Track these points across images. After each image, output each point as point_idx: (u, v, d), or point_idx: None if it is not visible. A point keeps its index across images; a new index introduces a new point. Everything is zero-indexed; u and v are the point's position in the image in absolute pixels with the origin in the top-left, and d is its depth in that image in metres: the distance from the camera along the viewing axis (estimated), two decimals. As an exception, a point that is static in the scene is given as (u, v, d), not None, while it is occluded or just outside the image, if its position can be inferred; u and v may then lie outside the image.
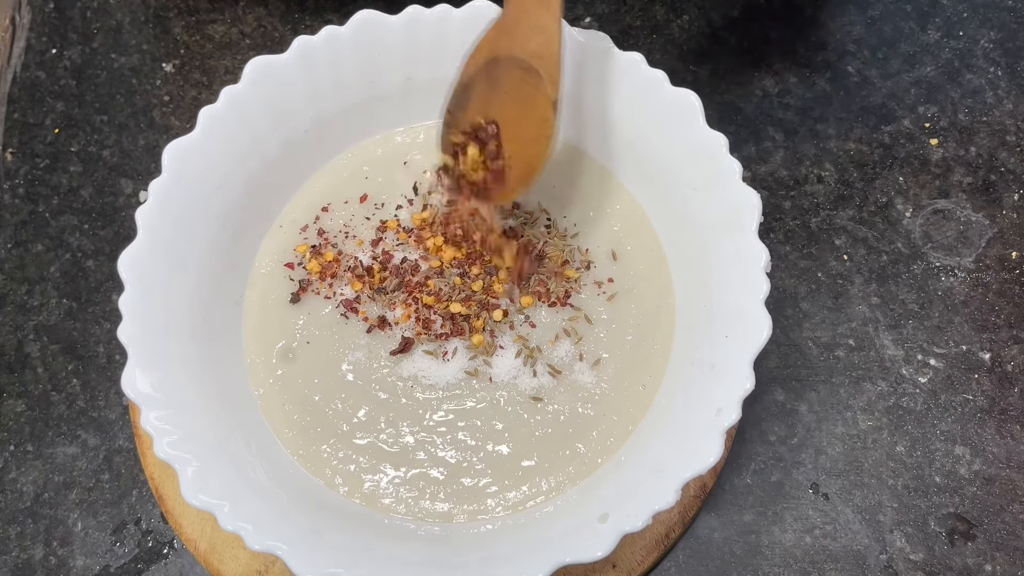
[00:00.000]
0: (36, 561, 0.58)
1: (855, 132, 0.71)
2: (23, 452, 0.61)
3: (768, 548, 0.58)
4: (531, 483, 0.53)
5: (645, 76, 0.56)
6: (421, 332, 0.57)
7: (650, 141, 0.57)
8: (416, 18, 0.58)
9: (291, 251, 0.60)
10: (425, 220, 0.60)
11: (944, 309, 0.65)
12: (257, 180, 0.58)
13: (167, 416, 0.48)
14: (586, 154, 0.62)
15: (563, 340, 0.57)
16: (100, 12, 0.76)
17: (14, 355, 0.64)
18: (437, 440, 0.55)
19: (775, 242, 0.67)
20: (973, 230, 0.67)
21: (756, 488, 0.60)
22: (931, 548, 0.58)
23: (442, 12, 0.58)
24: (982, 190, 0.68)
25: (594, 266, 0.59)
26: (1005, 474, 0.60)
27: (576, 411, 0.55)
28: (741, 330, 0.50)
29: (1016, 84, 0.72)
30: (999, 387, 0.62)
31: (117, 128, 0.72)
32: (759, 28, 0.75)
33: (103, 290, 0.66)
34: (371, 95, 0.60)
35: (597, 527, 0.47)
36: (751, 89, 0.73)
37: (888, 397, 0.62)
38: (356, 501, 0.53)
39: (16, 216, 0.68)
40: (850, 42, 0.74)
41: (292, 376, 0.56)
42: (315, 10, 0.76)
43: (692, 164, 0.55)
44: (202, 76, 0.74)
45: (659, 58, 0.74)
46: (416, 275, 0.58)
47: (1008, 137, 0.70)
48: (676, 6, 0.76)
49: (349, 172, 0.62)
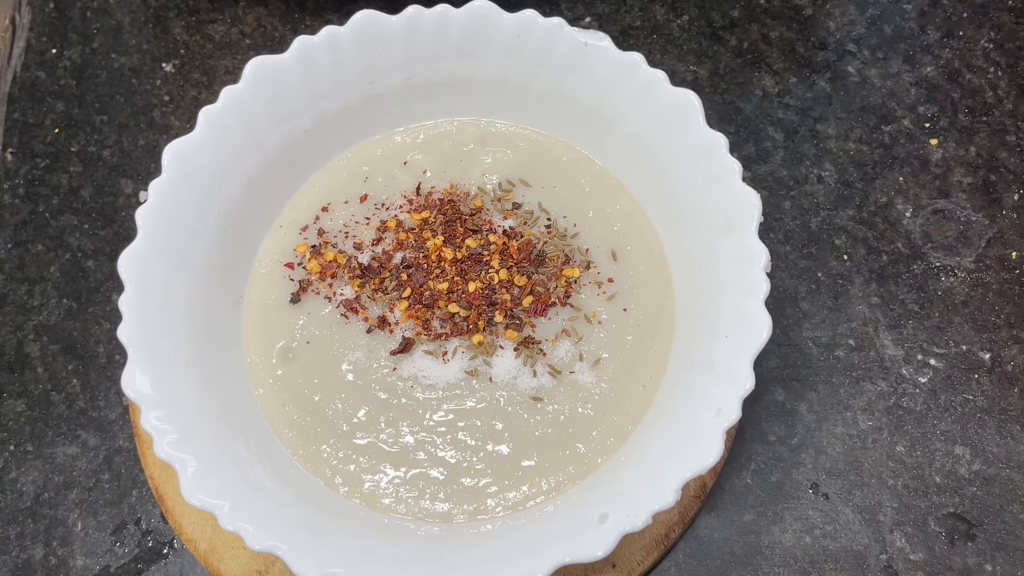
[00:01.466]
0: (36, 561, 0.58)
1: (855, 132, 0.71)
2: (23, 452, 0.61)
3: (768, 548, 0.58)
4: (531, 483, 0.53)
5: (645, 76, 0.56)
6: (421, 332, 0.57)
7: (650, 141, 0.58)
8: (416, 18, 0.58)
9: (291, 251, 0.60)
10: (425, 220, 0.60)
11: (944, 309, 0.65)
12: (257, 180, 0.58)
13: (167, 416, 0.48)
14: (586, 154, 0.62)
15: (563, 340, 0.57)
16: (100, 12, 0.76)
17: (14, 355, 0.64)
18: (437, 440, 0.55)
19: (775, 242, 0.67)
20: (973, 230, 0.67)
21: (756, 488, 0.60)
22: (931, 548, 0.58)
23: (442, 12, 0.58)
24: (982, 190, 0.68)
25: (594, 266, 0.59)
26: (1005, 474, 0.60)
27: (576, 411, 0.55)
28: (741, 330, 0.50)
29: (1016, 84, 0.72)
30: (999, 387, 0.62)
31: (117, 128, 0.72)
32: (759, 28, 0.75)
33: (103, 290, 0.66)
34: (371, 95, 0.60)
35: (597, 527, 0.47)
36: (751, 89, 0.73)
37: (888, 397, 0.62)
38: (356, 501, 0.53)
39: (16, 216, 0.68)
40: (850, 42, 0.74)
41: (292, 376, 0.56)
42: (315, 10, 0.76)
43: (692, 164, 0.55)
44: (202, 76, 0.74)
45: (659, 58, 0.74)
46: (416, 275, 0.58)
47: (1008, 137, 0.70)
48: (676, 6, 0.76)
49: (349, 172, 0.62)
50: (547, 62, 0.59)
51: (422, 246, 0.59)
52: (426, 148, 0.63)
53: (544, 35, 0.57)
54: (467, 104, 0.62)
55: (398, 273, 0.59)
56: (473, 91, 0.62)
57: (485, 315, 0.57)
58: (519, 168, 0.62)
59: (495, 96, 0.62)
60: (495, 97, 0.62)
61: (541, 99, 0.61)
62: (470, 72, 0.60)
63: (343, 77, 0.59)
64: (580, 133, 0.62)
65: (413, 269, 0.59)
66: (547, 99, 0.61)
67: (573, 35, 0.57)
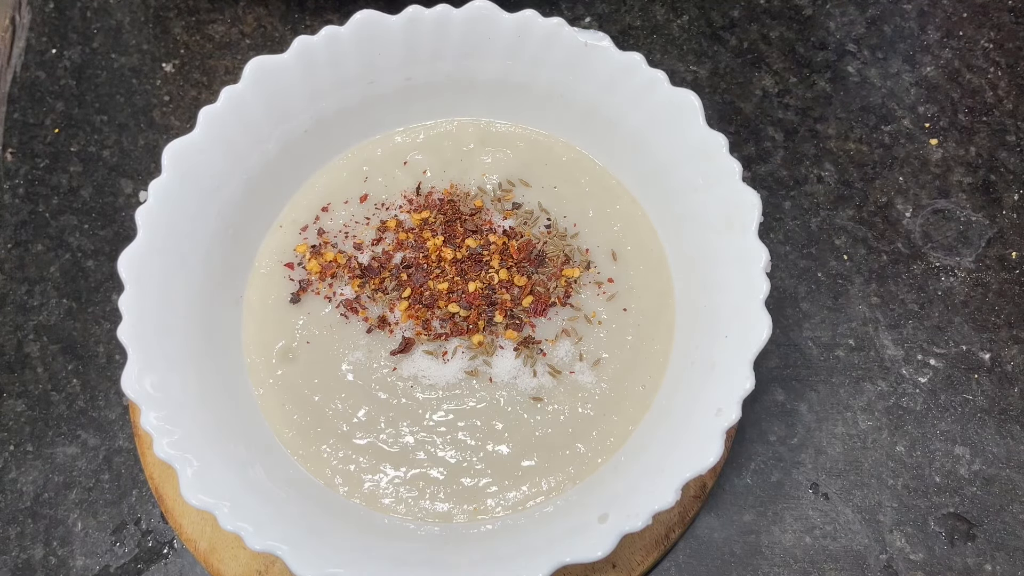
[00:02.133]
0: (36, 561, 0.58)
1: (855, 132, 0.71)
2: (23, 452, 0.61)
3: (768, 548, 0.58)
4: (531, 483, 0.53)
5: (645, 76, 0.56)
6: (421, 332, 0.57)
7: (650, 141, 0.58)
8: (416, 18, 0.58)
9: (291, 251, 0.60)
10: (425, 220, 0.60)
11: (944, 309, 0.65)
12: (257, 180, 0.58)
13: (167, 416, 0.48)
14: (586, 154, 0.62)
15: (563, 340, 0.57)
16: (100, 12, 0.76)
17: (14, 355, 0.64)
18: (437, 440, 0.55)
19: (775, 242, 0.67)
20: (973, 230, 0.67)
21: (756, 488, 0.60)
22: (931, 548, 0.58)
23: (442, 12, 0.58)
24: (982, 190, 0.68)
25: (594, 266, 0.59)
26: (1005, 474, 0.60)
27: (576, 411, 0.55)
28: (741, 330, 0.50)
29: (1016, 84, 0.72)
30: (999, 387, 0.62)
31: (117, 128, 0.72)
32: (759, 28, 0.75)
33: (103, 290, 0.66)
34: (371, 95, 0.60)
35: (597, 527, 0.47)
36: (751, 89, 0.73)
37: (888, 397, 0.62)
38: (356, 501, 0.53)
39: (16, 216, 0.68)
40: (850, 42, 0.74)
41: (292, 376, 0.56)
42: (315, 10, 0.76)
43: (692, 164, 0.55)
44: (202, 76, 0.74)
45: (659, 58, 0.74)
46: (416, 275, 0.58)
47: (1008, 137, 0.70)
48: (676, 6, 0.76)
49: (349, 172, 0.62)
50: (547, 62, 0.59)
51: (422, 246, 0.59)
52: (426, 148, 0.63)
53: (544, 35, 0.57)
54: (467, 104, 0.62)
55: (398, 273, 0.59)
56: (473, 91, 0.62)
57: (485, 315, 0.57)
58: (519, 168, 0.62)
59: (495, 96, 0.62)
60: (495, 97, 0.62)
61: (541, 99, 0.61)
62: (470, 72, 0.60)
63: (343, 77, 0.59)
64: (580, 133, 0.62)
65: (413, 269, 0.59)
66: (547, 99, 0.61)
67: (573, 35, 0.57)
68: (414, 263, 0.59)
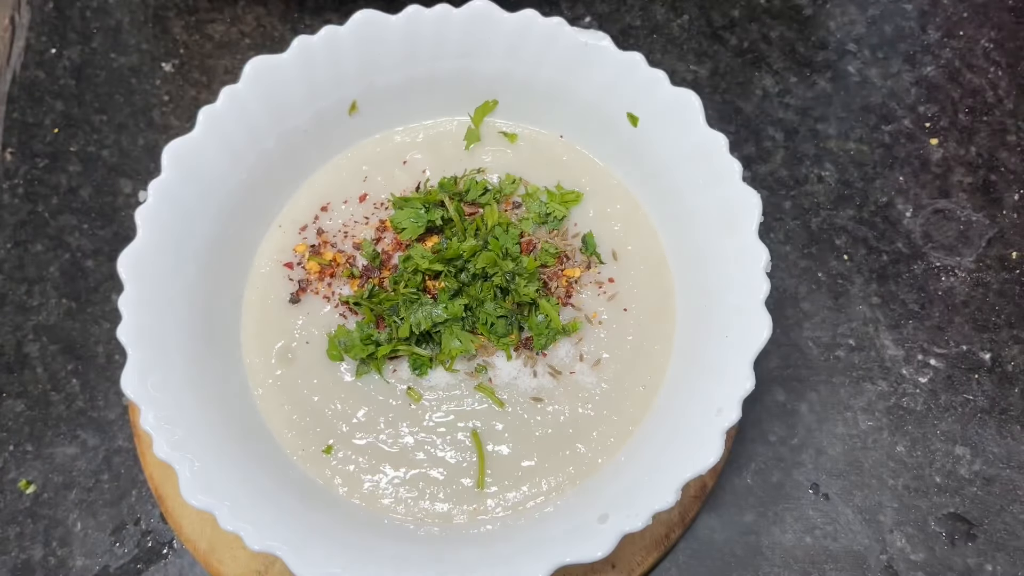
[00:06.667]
0: (36, 561, 0.58)
1: (855, 132, 0.71)
2: (23, 452, 0.61)
3: (768, 548, 0.58)
4: (531, 483, 0.53)
5: (645, 76, 0.56)
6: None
7: (650, 141, 0.57)
8: (416, 18, 0.57)
9: (290, 251, 0.60)
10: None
11: (944, 309, 0.65)
12: (256, 180, 0.58)
13: (167, 416, 0.48)
14: (586, 154, 0.62)
15: (563, 340, 0.57)
16: (100, 12, 0.76)
17: (14, 355, 0.64)
18: (437, 440, 0.54)
19: (775, 242, 0.67)
20: (973, 230, 0.67)
21: (756, 488, 0.60)
22: (931, 548, 0.58)
23: (441, 12, 0.57)
24: (982, 190, 0.68)
25: (594, 266, 0.59)
26: (1005, 474, 0.60)
27: (576, 411, 0.55)
28: (741, 330, 0.50)
29: (1016, 84, 0.72)
30: (999, 387, 0.62)
31: (117, 128, 0.72)
32: (759, 28, 0.75)
33: (103, 290, 0.66)
34: (370, 95, 0.60)
35: (597, 527, 0.47)
36: (751, 89, 0.73)
37: (888, 397, 0.62)
38: (356, 501, 0.53)
39: (16, 216, 0.68)
40: (850, 42, 0.74)
41: (291, 376, 0.56)
42: (315, 10, 0.76)
43: (692, 164, 0.55)
44: (202, 76, 0.74)
45: (659, 58, 0.74)
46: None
47: (1008, 137, 0.70)
48: (676, 6, 0.76)
49: (348, 172, 0.62)
50: (547, 62, 0.59)
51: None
52: (426, 147, 0.63)
53: (544, 35, 0.57)
54: (467, 103, 0.62)
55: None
56: (473, 91, 0.61)
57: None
58: (519, 167, 0.62)
59: (495, 95, 0.62)
60: (495, 96, 0.62)
61: (541, 99, 0.61)
62: (470, 72, 0.60)
63: (343, 77, 0.59)
64: (580, 133, 0.62)
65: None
66: (547, 99, 0.61)
67: (573, 35, 0.57)
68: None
